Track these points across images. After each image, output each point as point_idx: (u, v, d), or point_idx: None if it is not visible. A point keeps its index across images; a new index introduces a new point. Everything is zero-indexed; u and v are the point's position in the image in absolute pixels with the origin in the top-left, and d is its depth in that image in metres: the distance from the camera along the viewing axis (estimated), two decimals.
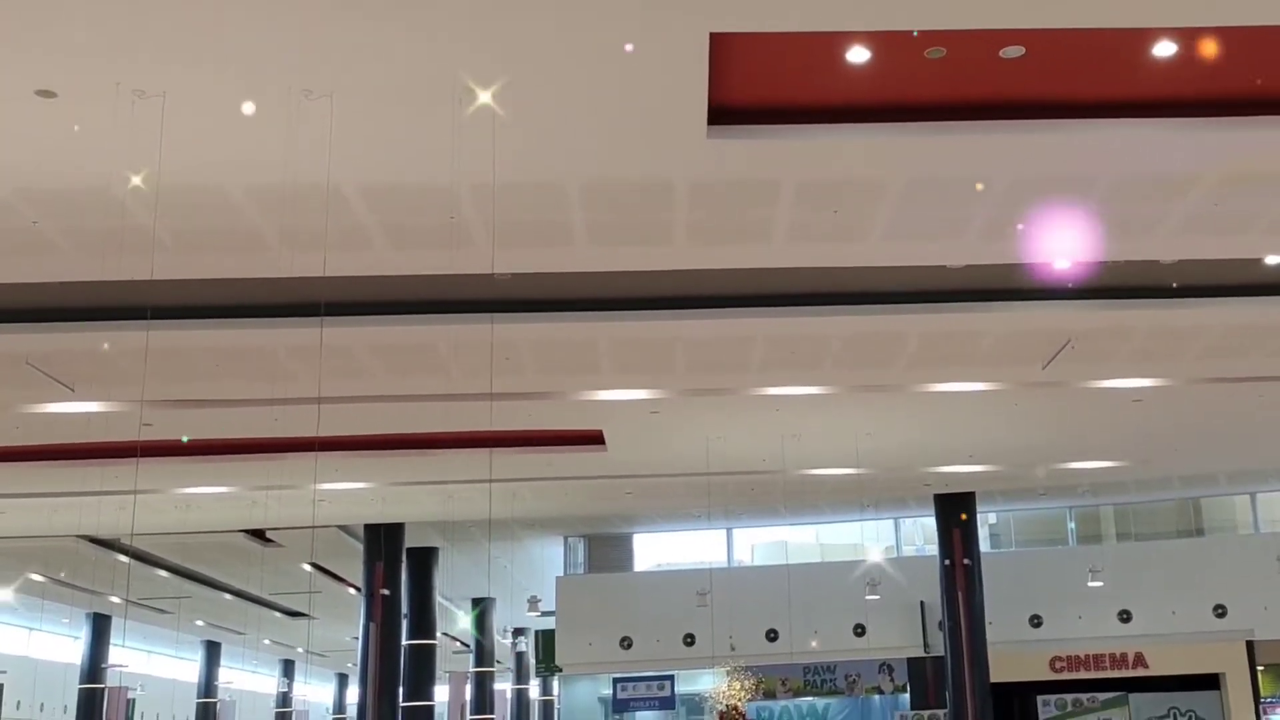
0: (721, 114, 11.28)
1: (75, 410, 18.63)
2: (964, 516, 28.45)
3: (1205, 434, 23.75)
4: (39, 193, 12.16)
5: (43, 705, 40.19)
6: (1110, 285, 16.41)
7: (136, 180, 11.26)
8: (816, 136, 11.62)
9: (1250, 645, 29.94)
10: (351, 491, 25.60)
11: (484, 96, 10.28)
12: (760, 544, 34.57)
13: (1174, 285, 16.23)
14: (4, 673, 39.07)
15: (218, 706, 49.19)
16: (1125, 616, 30.28)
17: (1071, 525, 32.70)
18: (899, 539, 33.84)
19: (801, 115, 11.48)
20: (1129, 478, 28.14)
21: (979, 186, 12.79)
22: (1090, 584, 28.91)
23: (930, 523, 30.13)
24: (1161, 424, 22.36)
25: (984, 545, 30.10)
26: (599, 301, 16.32)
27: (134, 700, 44.79)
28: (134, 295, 14.36)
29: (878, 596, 29.05)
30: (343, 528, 29.90)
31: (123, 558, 30.42)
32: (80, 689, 38.60)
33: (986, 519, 32.24)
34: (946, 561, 28.25)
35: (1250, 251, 15.08)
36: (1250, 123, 11.62)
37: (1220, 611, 29.94)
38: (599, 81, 10.46)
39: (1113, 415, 21.69)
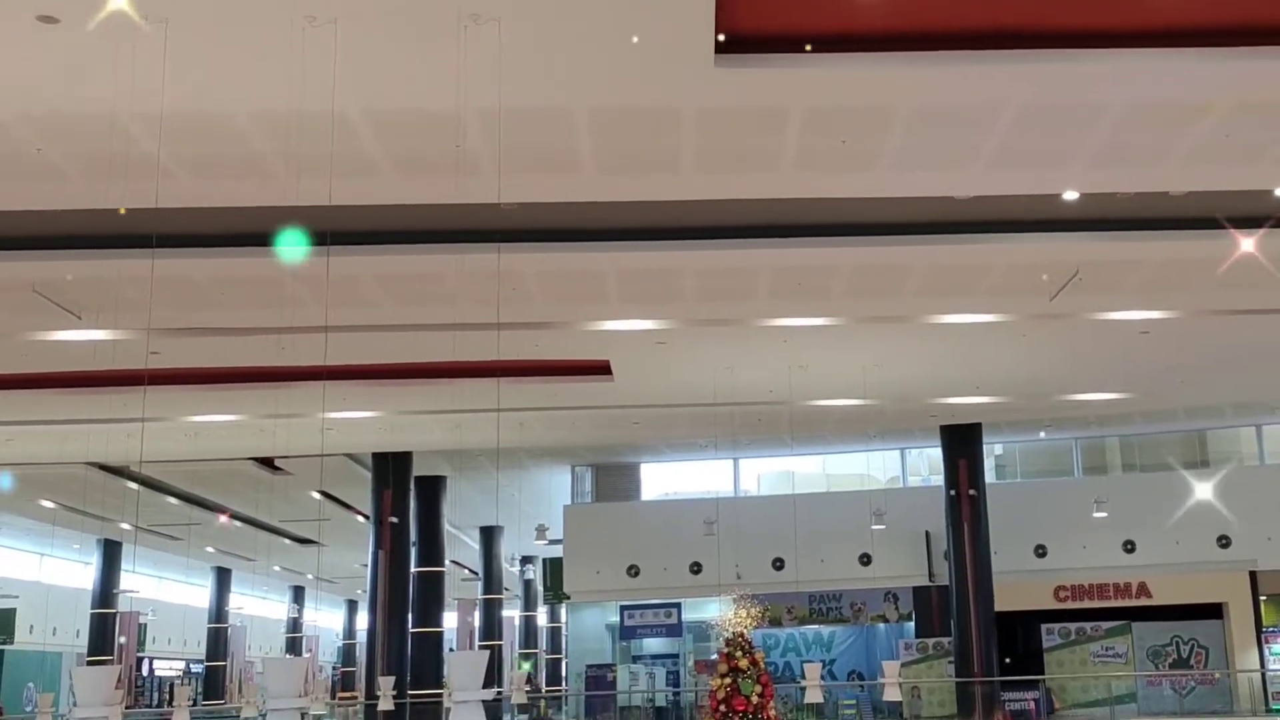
0: (729, 42, 11.19)
1: (82, 338, 18.69)
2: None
3: (1211, 366, 23.75)
4: (42, 119, 12.12)
5: (55, 629, 40.69)
6: (1118, 217, 16.35)
7: (141, 107, 11.23)
8: (824, 65, 11.52)
9: (1253, 575, 30.14)
10: (359, 420, 25.74)
11: (490, 22, 10.20)
12: (767, 474, 34.75)
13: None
14: (16, 597, 39.54)
15: (228, 631, 49.79)
16: (1129, 547, 30.48)
17: (1077, 457, 32.82)
18: (905, 469, 33.99)
19: (809, 43, 11.39)
20: (1135, 409, 28.19)
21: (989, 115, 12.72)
22: (1095, 515, 29.04)
23: (936, 453, 30.25)
24: (1168, 356, 22.36)
25: (989, 476, 30.25)
26: (606, 231, 16.28)
27: (145, 625, 45.40)
28: (140, 223, 14.35)
29: (883, 526, 29.23)
30: (351, 456, 30.08)
31: (132, 485, 30.66)
32: (92, 614, 39.10)
33: (992, 450, 32.37)
34: (952, 492, 28.39)
35: (1261, 183, 14.99)
36: (1261, 52, 11.51)
37: (1224, 542, 30.11)
38: (606, 8, 10.37)
39: (1120, 347, 21.69)
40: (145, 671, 49.19)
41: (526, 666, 43.09)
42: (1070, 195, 15.28)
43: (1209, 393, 26.61)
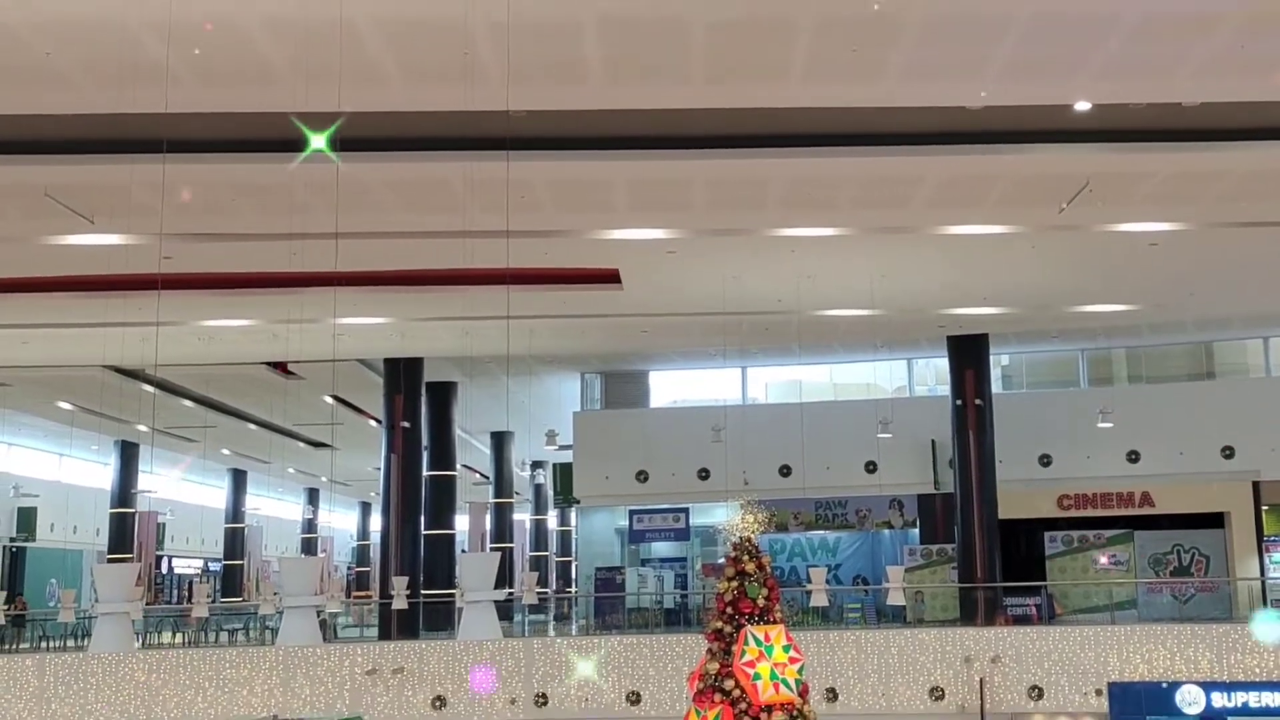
0: None
1: (95, 242, 18.84)
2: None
3: (1220, 278, 23.76)
4: (52, 24, 12.14)
5: (75, 528, 41.33)
6: (1130, 128, 16.30)
7: (150, 12, 11.24)
8: None
9: (1256, 486, 30.37)
10: (370, 326, 25.92)
11: None
12: (774, 382, 34.92)
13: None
14: (37, 496, 40.12)
15: (245, 531, 50.51)
16: (1134, 457, 30.67)
17: (1083, 368, 32.92)
18: (911, 379, 34.14)
19: None
20: (1142, 321, 28.23)
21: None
22: (1100, 425, 29.23)
23: (943, 363, 30.38)
24: (1177, 268, 22.38)
25: (996, 386, 30.38)
26: (615, 140, 16.29)
27: (164, 524, 46.07)
28: (150, 128, 14.43)
29: (889, 435, 29.44)
30: (362, 361, 30.31)
31: (148, 388, 30.96)
32: (111, 513, 39.69)
33: (999, 360, 32.47)
34: (958, 401, 28.57)
35: (1275, 95, 14.92)
36: None
37: (1228, 453, 30.29)
38: None
39: (1128, 259, 21.71)
40: (164, 569, 50.00)
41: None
42: (1082, 106, 15.24)
43: (1217, 305, 26.65)
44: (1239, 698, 24.16)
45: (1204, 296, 25.23)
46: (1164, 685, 24.20)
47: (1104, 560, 30.21)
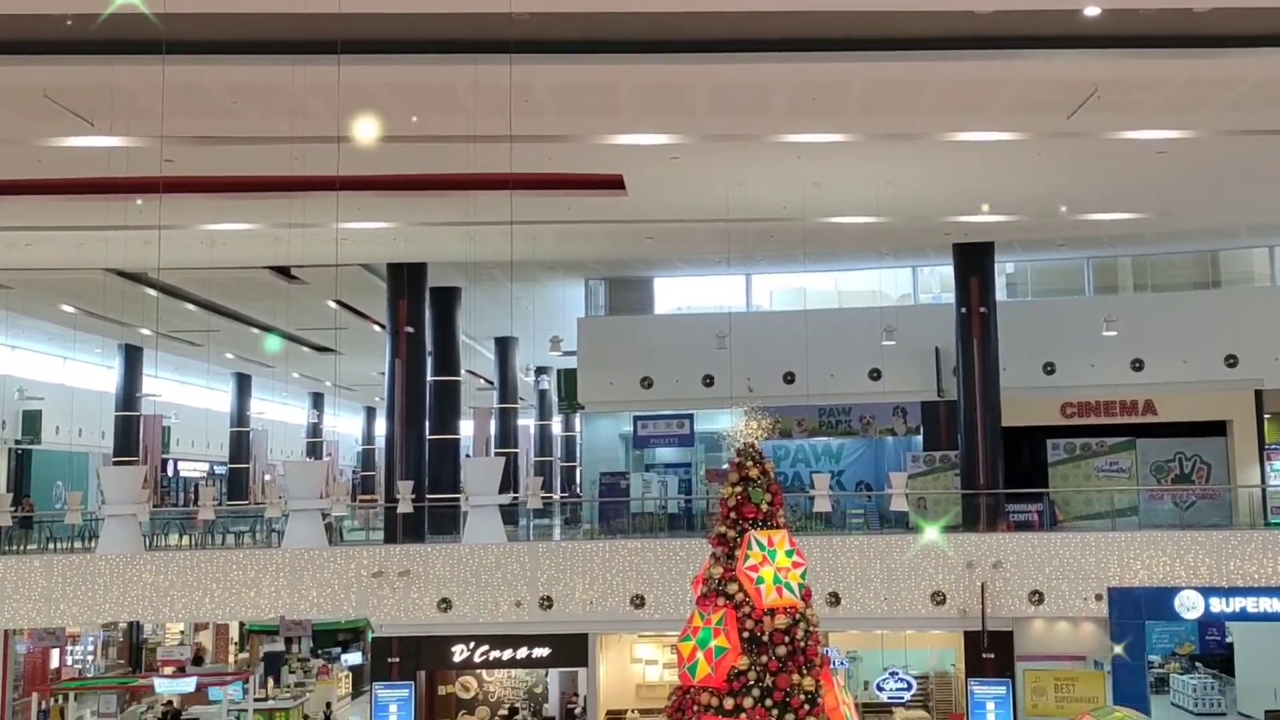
0: None
1: (96, 145, 18.72)
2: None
3: (1227, 187, 23.62)
4: None
5: (80, 430, 41.58)
6: (1140, 34, 16.09)
7: None
8: None
9: (1259, 394, 30.43)
10: (373, 231, 25.83)
11: None
12: (779, 290, 34.89)
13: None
14: (41, 399, 40.30)
15: (250, 435, 50.80)
16: (1137, 365, 30.73)
17: (1088, 276, 32.84)
18: (916, 287, 34.08)
19: None
20: (1148, 229, 28.10)
21: None
22: (1104, 333, 29.19)
23: (948, 271, 30.31)
24: (1184, 176, 22.20)
25: (1000, 294, 30.34)
26: (619, 43, 16.10)
27: (169, 428, 46.34)
28: (149, 28, 14.25)
29: (894, 342, 29.46)
30: (366, 266, 30.27)
31: (151, 291, 30.96)
32: (116, 416, 39.89)
33: (1004, 268, 32.39)
34: (963, 309, 28.51)
35: None
36: None
37: (1231, 361, 30.32)
38: None
39: (1135, 167, 21.55)
40: (170, 472, 50.40)
41: None
42: (1092, 11, 15.03)
43: (1224, 213, 26.52)
44: (1237, 603, 24.47)
45: (1210, 205, 25.12)
46: (1163, 590, 24.47)
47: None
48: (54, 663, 34.14)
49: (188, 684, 29.60)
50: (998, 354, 28.53)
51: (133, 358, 40.00)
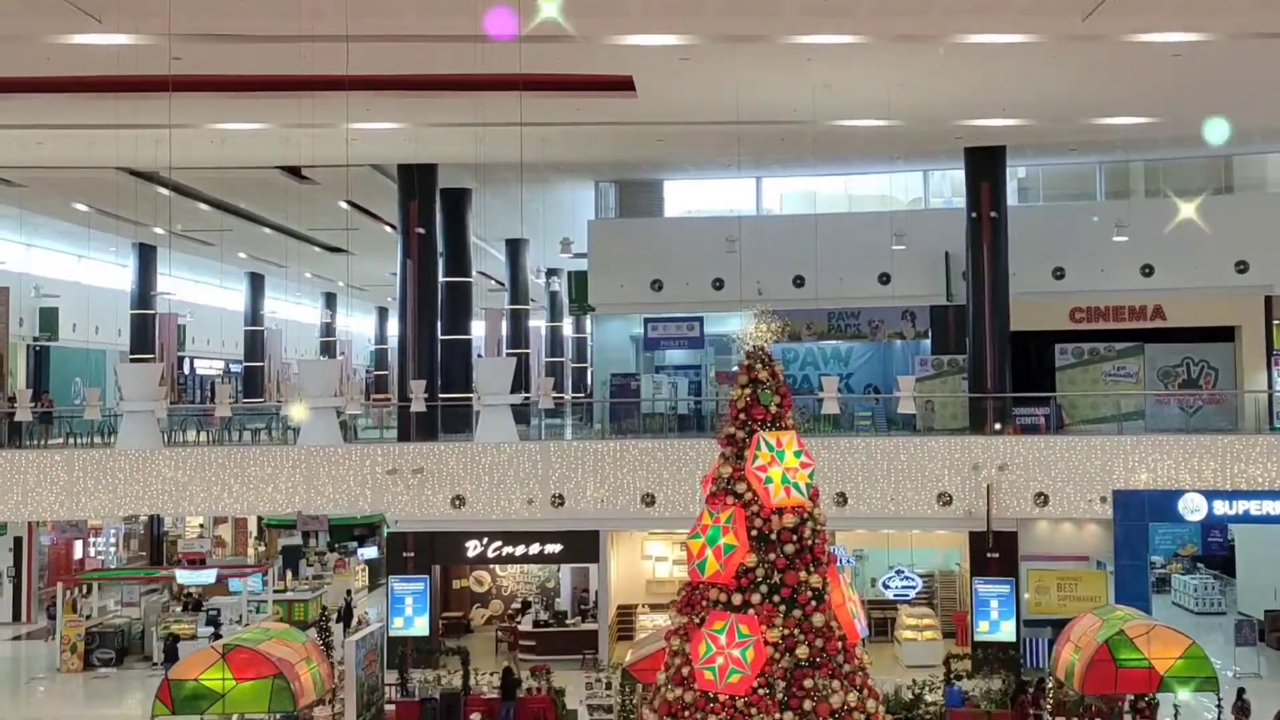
0: None
1: (104, 42, 18.67)
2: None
3: (1243, 91, 23.41)
4: None
5: (97, 328, 41.83)
6: None
7: None
8: None
9: (1268, 300, 30.44)
10: (383, 132, 25.79)
11: None
12: (789, 193, 34.79)
13: None
14: (58, 297, 40.52)
15: (264, 334, 51.06)
16: (1147, 271, 30.72)
17: (1100, 181, 32.68)
18: (927, 191, 33.97)
19: None
20: (1161, 134, 27.93)
21: None
22: (1115, 239, 29.20)
23: (959, 175, 30.20)
24: (1199, 80, 22.05)
25: (1011, 199, 30.24)
26: None
27: (184, 326, 46.60)
28: None
29: (903, 247, 29.48)
30: (377, 167, 30.25)
31: (163, 190, 31.00)
32: (132, 314, 40.13)
33: (1015, 173, 32.24)
34: (973, 214, 28.47)
35: None
36: None
37: (1242, 267, 30.32)
38: None
39: (1150, 70, 21.40)
40: (186, 370, 50.78)
41: None
42: None
43: (1237, 118, 26.26)
44: (1240, 505, 24.78)
45: (1224, 109, 24.87)
46: (1168, 493, 24.74)
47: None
48: (77, 554, 34.85)
49: (208, 575, 30.21)
50: (1007, 259, 28.54)
51: (147, 257, 40.14)
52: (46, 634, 30.43)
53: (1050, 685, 20.43)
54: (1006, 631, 24.94)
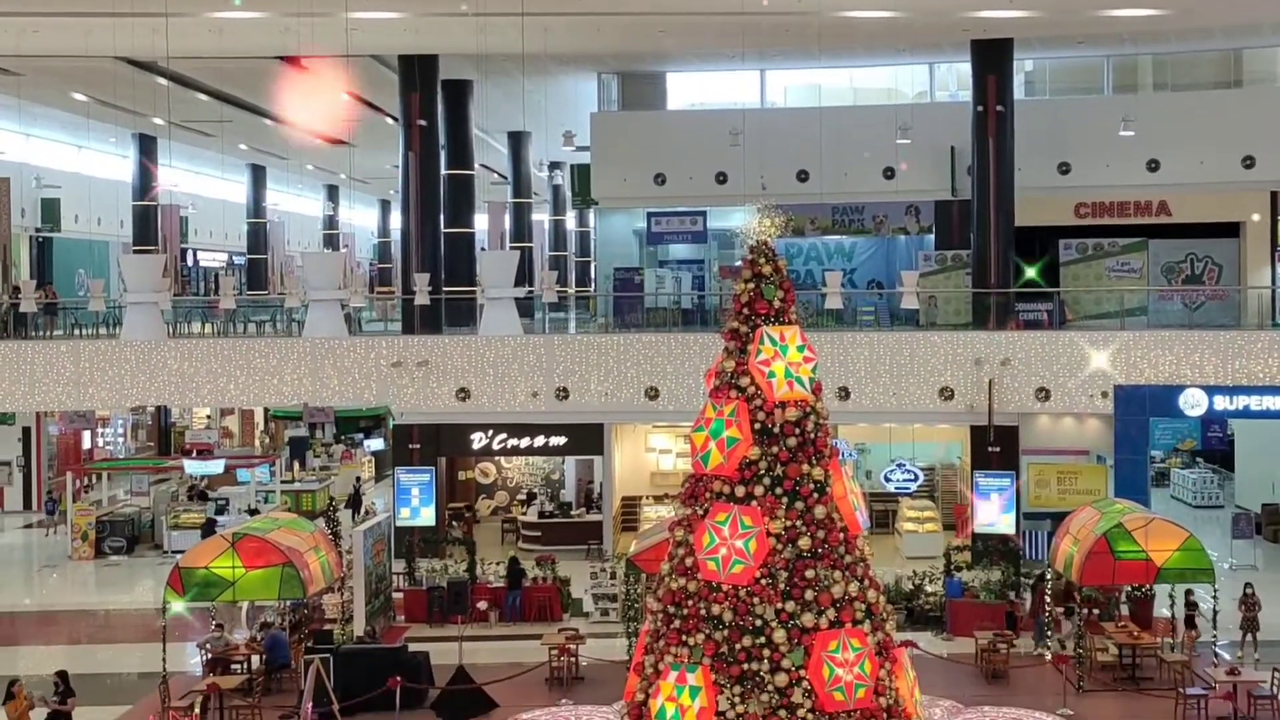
0: None
1: None
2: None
3: None
4: None
5: (99, 220, 41.73)
6: None
7: None
8: None
9: (1275, 196, 30.35)
10: (383, 21, 25.48)
11: None
12: (793, 86, 34.46)
13: None
14: (59, 188, 40.36)
15: (267, 227, 50.93)
16: (1153, 166, 30.51)
17: (1108, 74, 32.34)
18: (932, 84, 33.63)
19: None
20: (1171, 26, 27.57)
21: None
22: (1121, 133, 28.98)
23: (965, 68, 29.89)
24: None
25: (1018, 93, 29.96)
26: None
27: (186, 218, 46.48)
28: None
29: (908, 141, 29.27)
30: (377, 58, 29.93)
31: (162, 80, 30.71)
32: (134, 205, 40.01)
33: (1022, 66, 31.88)
34: (979, 108, 28.21)
35: None
36: None
37: (1248, 162, 30.09)
38: None
39: None
40: (190, 262, 50.76)
41: None
42: None
43: (1249, 9, 25.93)
44: (1240, 401, 24.91)
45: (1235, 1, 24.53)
46: (1169, 388, 24.87)
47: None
48: (86, 444, 35.18)
49: (216, 465, 30.54)
50: (1013, 153, 28.36)
51: (147, 147, 39.89)
52: (47, 528, 30.72)
53: (1049, 576, 20.75)
54: (1006, 524, 25.25)
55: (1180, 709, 16.82)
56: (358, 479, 33.42)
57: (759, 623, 11.68)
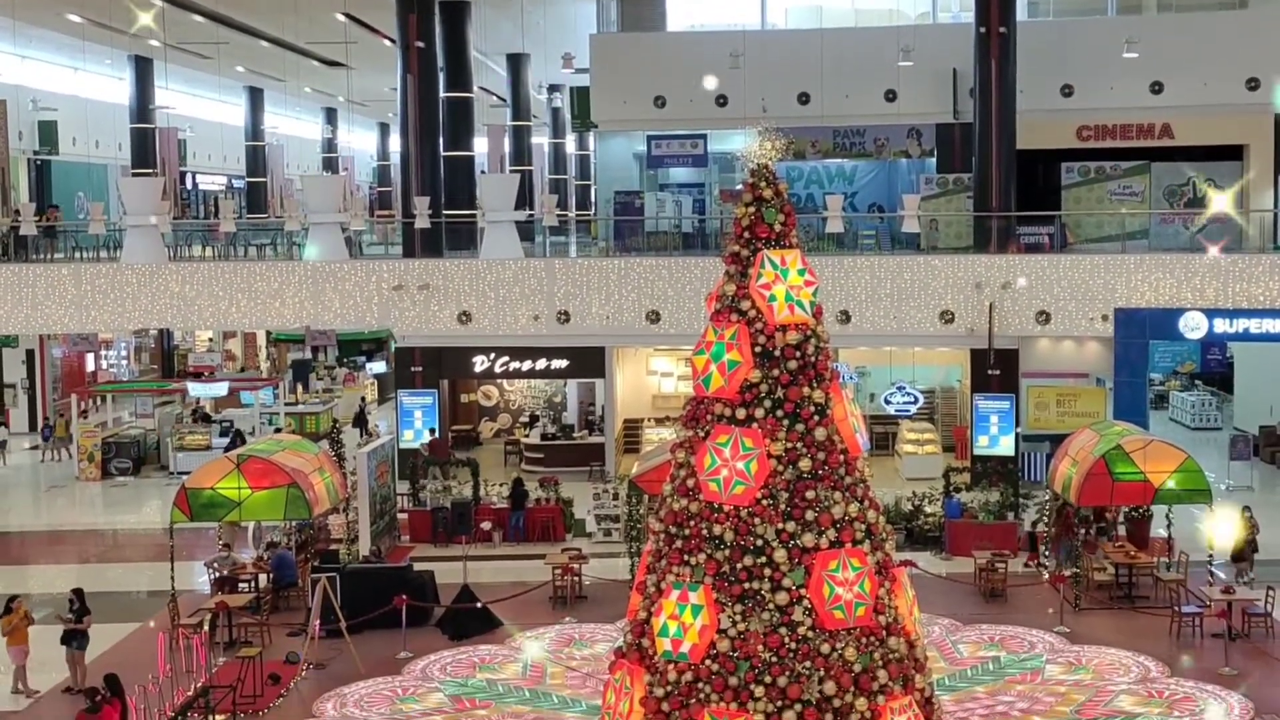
0: None
1: None
2: None
3: None
4: None
5: (97, 143, 41.51)
6: None
7: None
8: None
9: (1278, 118, 30.17)
10: None
11: None
12: (794, 7, 34.18)
13: None
14: (55, 110, 40.12)
15: (265, 150, 50.66)
16: (1157, 88, 30.36)
17: None
18: (935, 5, 33.34)
19: None
20: None
21: None
22: (1125, 55, 28.78)
23: None
24: None
25: (1021, 14, 29.68)
26: None
27: (184, 141, 46.25)
28: None
29: (910, 63, 29.07)
30: None
31: (157, 0, 30.45)
32: (131, 128, 39.80)
33: None
34: (982, 29, 27.94)
35: None
36: None
37: (1253, 84, 29.92)
38: None
39: None
40: (189, 185, 50.57)
41: None
42: None
43: None
44: (1241, 324, 25.00)
45: None
46: (1169, 311, 24.93)
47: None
48: (89, 367, 35.32)
49: (220, 388, 30.69)
50: (1015, 76, 28.15)
51: (144, 70, 39.63)
52: (43, 452, 30.75)
53: (1048, 499, 20.95)
54: (1005, 446, 25.43)
55: (1175, 626, 17.10)
56: (363, 399, 33.61)
57: (760, 543, 11.85)
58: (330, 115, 59.17)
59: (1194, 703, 14.41)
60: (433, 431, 26.63)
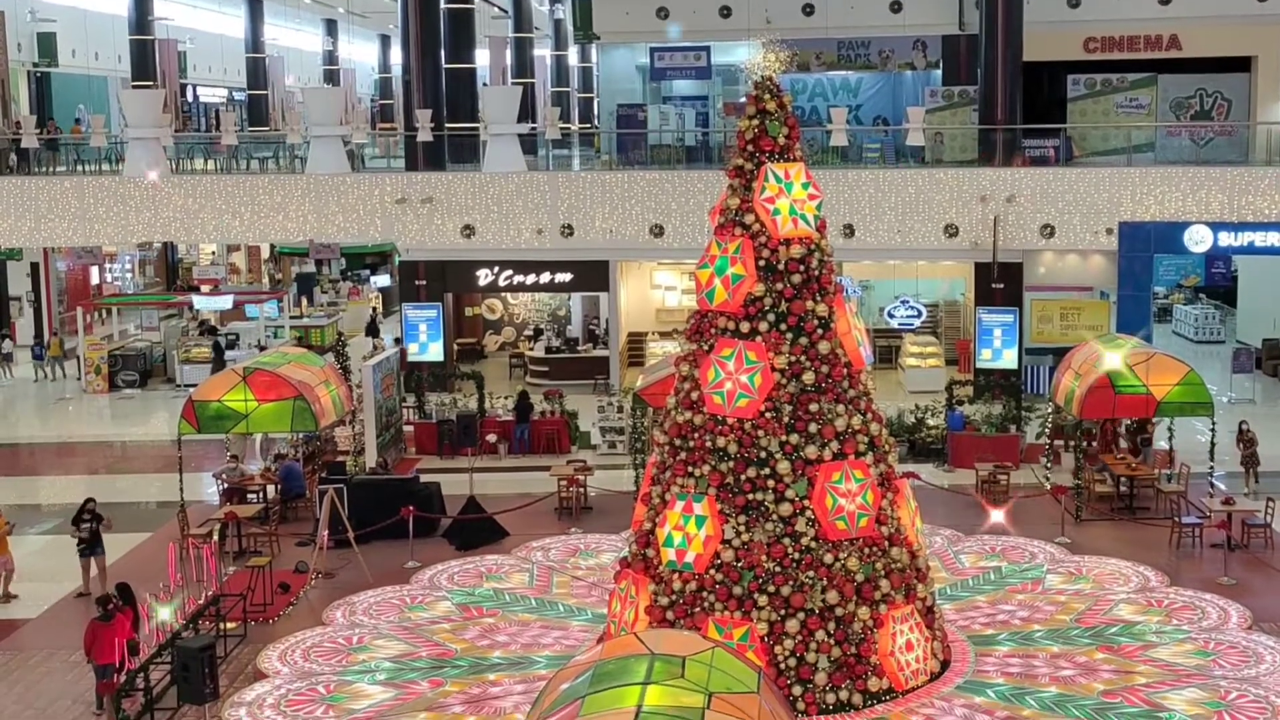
0: None
1: None
2: None
3: None
4: None
5: (97, 54, 41.17)
6: None
7: None
8: None
9: None
10: None
11: None
12: None
13: None
14: (54, 21, 39.75)
15: (266, 62, 50.21)
16: None
17: None
18: None
19: None
20: None
21: None
22: None
23: None
24: None
25: None
26: None
27: (185, 53, 45.86)
28: None
29: None
30: None
31: None
32: (131, 40, 39.45)
33: None
34: None
35: None
36: None
37: None
38: None
39: None
40: (190, 98, 50.20)
41: None
42: None
43: None
44: (1245, 237, 24.97)
45: None
46: (1174, 225, 24.87)
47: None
48: (94, 279, 35.36)
49: (224, 301, 30.75)
50: None
51: None
52: (37, 371, 30.64)
53: (1050, 411, 21.06)
54: (1009, 359, 25.51)
55: (1175, 537, 17.28)
56: (374, 309, 33.69)
57: (763, 455, 11.98)
58: (331, 27, 58.52)
59: (1193, 611, 14.60)
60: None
